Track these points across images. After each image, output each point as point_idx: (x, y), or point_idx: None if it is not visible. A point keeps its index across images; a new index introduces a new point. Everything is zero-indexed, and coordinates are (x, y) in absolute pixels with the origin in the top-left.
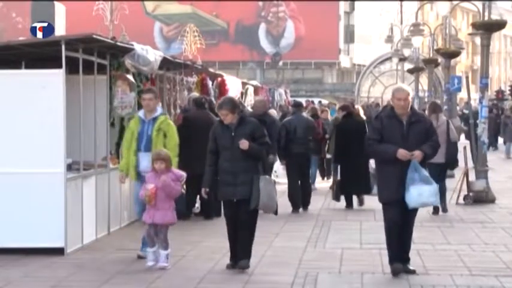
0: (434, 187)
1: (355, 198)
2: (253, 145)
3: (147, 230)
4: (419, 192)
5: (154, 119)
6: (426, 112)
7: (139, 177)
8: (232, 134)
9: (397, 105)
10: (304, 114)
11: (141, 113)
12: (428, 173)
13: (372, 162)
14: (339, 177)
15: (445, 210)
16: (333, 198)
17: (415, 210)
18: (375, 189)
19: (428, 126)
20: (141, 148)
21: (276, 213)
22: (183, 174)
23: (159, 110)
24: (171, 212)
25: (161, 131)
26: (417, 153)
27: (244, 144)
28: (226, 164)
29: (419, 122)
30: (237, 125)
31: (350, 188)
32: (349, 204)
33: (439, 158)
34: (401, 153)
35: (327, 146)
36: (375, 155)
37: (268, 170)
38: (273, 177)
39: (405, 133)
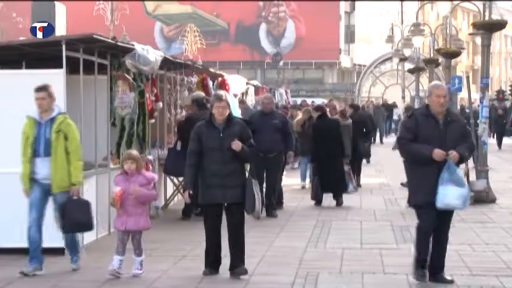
0: (463, 190)
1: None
2: (245, 147)
3: (120, 236)
4: (445, 193)
5: (52, 120)
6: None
7: (38, 185)
8: (221, 134)
9: (436, 103)
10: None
11: (35, 114)
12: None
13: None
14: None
15: None
16: (312, 198)
17: (448, 214)
18: (350, 188)
19: (463, 127)
20: (39, 153)
21: (258, 217)
22: (155, 176)
23: (56, 109)
24: (144, 217)
25: (61, 132)
26: (454, 154)
27: (237, 145)
28: (214, 166)
29: (455, 122)
30: (225, 125)
31: (327, 187)
32: (319, 202)
33: None
34: (437, 153)
35: None
36: (408, 155)
37: (254, 173)
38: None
39: (442, 133)
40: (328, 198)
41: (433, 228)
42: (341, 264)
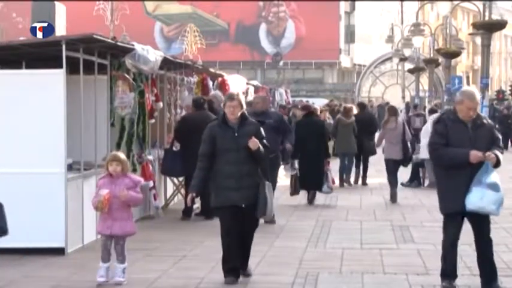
0: (499, 195)
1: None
2: (260, 146)
3: (103, 242)
4: (481, 196)
5: None
6: (385, 115)
7: None
8: (236, 134)
9: (465, 114)
10: None
11: None
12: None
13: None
14: (297, 173)
15: (395, 200)
16: (290, 193)
17: (486, 220)
18: (325, 187)
19: (492, 129)
20: None
21: (274, 221)
22: (141, 179)
23: None
24: (130, 221)
25: None
26: (492, 156)
27: (254, 142)
28: (229, 168)
29: (484, 125)
30: (239, 125)
31: (306, 184)
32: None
33: (397, 155)
34: (474, 154)
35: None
36: (443, 159)
37: (268, 175)
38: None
39: (472, 137)
40: (327, 198)
41: (474, 238)
42: (341, 264)
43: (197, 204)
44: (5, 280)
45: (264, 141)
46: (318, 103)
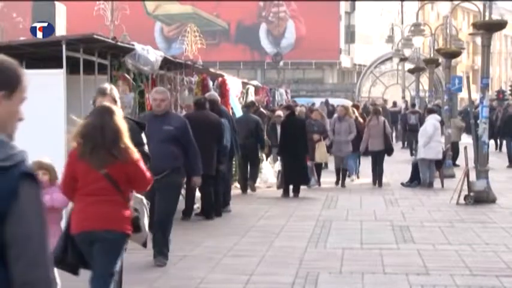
0: None
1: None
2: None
3: None
4: None
5: None
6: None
7: None
8: None
9: None
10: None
11: None
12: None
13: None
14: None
15: (381, 185)
16: (277, 187)
17: None
18: (312, 182)
19: None
20: None
21: (144, 245)
22: None
23: None
24: (57, 238)
25: None
26: None
27: None
28: None
29: None
30: None
31: (290, 178)
32: (286, 193)
33: (379, 146)
34: None
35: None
36: None
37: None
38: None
39: None
40: (327, 200)
41: None
42: (341, 264)
43: (197, 204)
44: None
45: (144, 147)
46: (337, 103)
